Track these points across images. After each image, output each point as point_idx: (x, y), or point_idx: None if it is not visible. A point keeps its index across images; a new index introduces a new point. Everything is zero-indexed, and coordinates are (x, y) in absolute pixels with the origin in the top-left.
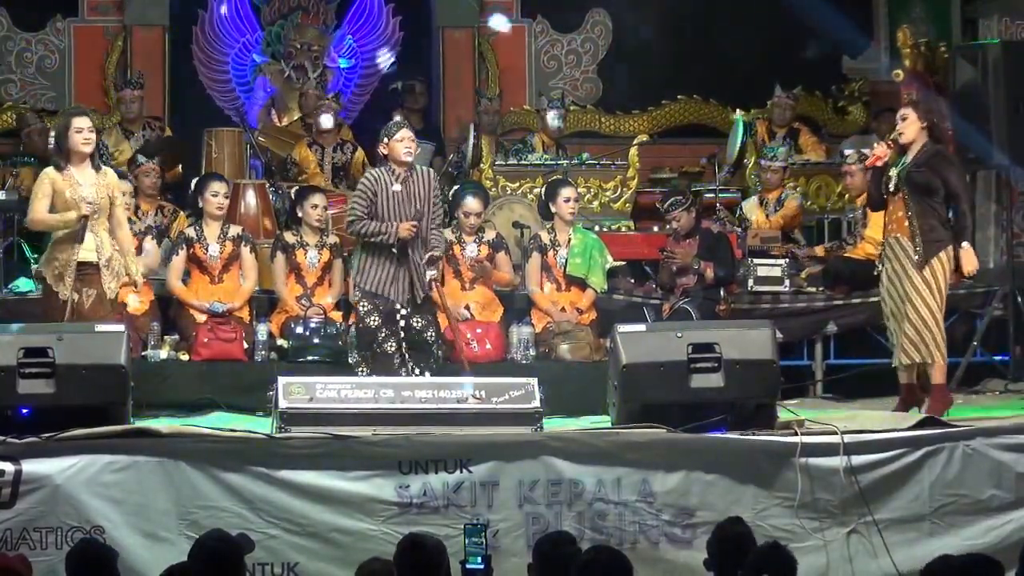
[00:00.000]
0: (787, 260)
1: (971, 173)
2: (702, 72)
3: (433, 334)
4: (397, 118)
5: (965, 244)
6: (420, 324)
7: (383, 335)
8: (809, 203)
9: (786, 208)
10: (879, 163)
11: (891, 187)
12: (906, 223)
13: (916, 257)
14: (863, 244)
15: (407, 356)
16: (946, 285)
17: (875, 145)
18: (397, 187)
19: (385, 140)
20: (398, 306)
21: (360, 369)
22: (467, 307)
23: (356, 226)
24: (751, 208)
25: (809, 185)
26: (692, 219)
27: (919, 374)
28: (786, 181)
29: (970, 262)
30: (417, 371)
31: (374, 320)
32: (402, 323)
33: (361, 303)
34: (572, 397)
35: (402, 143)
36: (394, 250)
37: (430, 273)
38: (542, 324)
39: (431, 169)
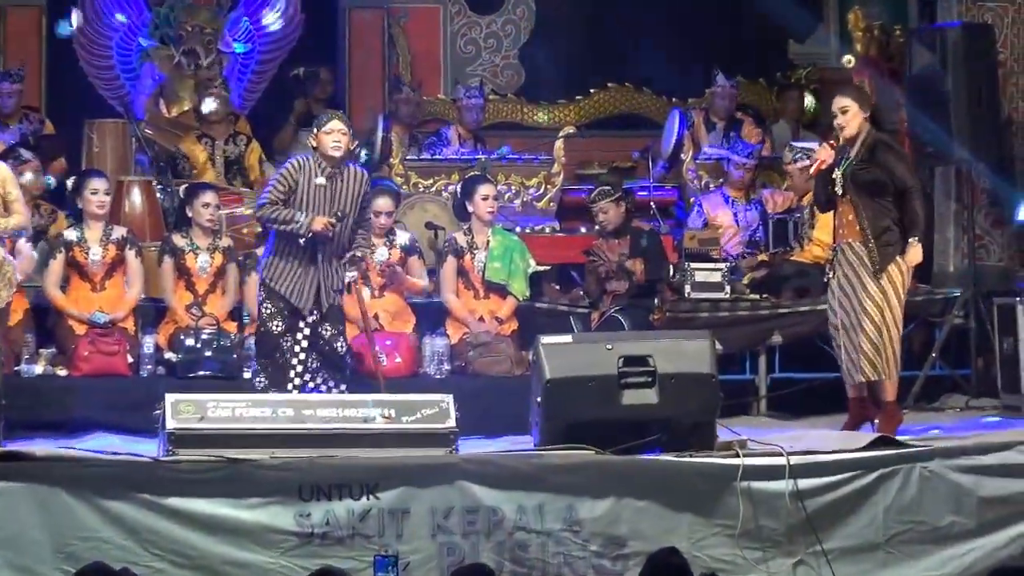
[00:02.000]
0: (728, 264)
1: (928, 169)
2: (635, 58)
3: (343, 345)
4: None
5: (912, 239)
6: (329, 333)
7: (287, 343)
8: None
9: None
10: (824, 167)
11: (838, 189)
12: (858, 227)
13: (871, 264)
14: (810, 247)
15: (315, 369)
16: (905, 292)
17: (817, 148)
18: (321, 180)
19: (315, 131)
20: (305, 312)
21: (259, 380)
22: (376, 316)
23: (266, 210)
24: (720, 211)
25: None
26: (621, 214)
27: (869, 389)
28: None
29: (915, 256)
30: (326, 387)
31: (277, 325)
32: (307, 331)
33: (265, 305)
34: (491, 416)
35: (331, 136)
36: (301, 242)
37: (349, 275)
38: (458, 335)
39: (365, 170)
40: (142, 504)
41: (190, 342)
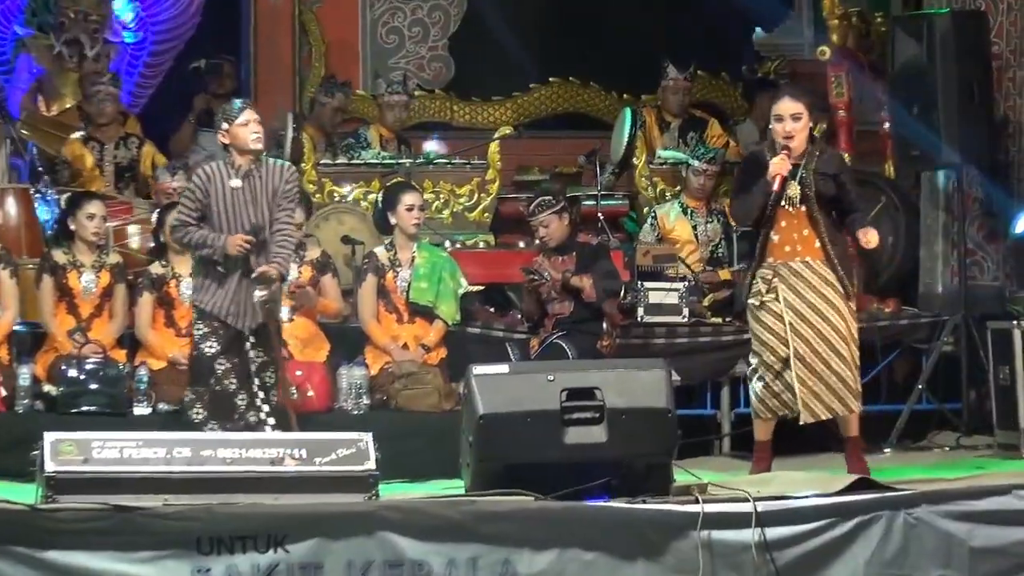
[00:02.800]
0: (686, 284)
1: (914, 175)
2: (581, 49)
3: (272, 376)
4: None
5: (865, 222)
6: (260, 360)
7: (223, 368)
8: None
9: None
10: (783, 182)
11: (796, 201)
12: (817, 244)
13: (841, 286)
14: None
15: (256, 397)
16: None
17: (773, 161)
18: (236, 182)
19: (224, 126)
20: (244, 331)
21: (195, 412)
22: (285, 344)
23: (178, 234)
24: (677, 223)
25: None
26: (565, 228)
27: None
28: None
29: (874, 238)
30: (269, 421)
31: (211, 347)
32: (250, 354)
33: (196, 325)
34: (416, 457)
35: (248, 127)
36: (220, 268)
37: (259, 294)
38: (379, 365)
39: (286, 163)
40: (17, 558)
41: (73, 373)
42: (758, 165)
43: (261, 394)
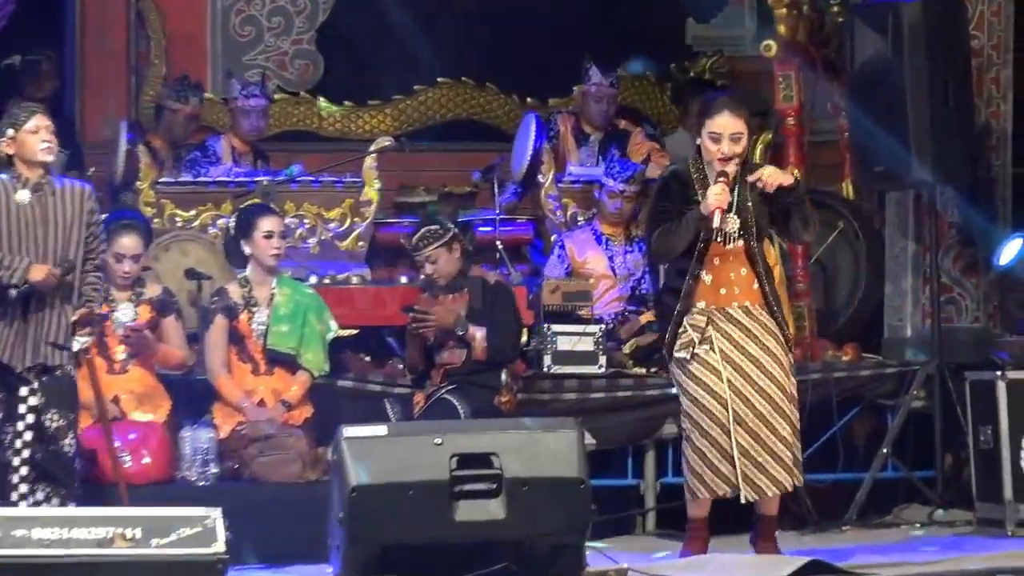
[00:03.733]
0: (602, 326)
1: (876, 196)
2: (476, 43)
3: (72, 442)
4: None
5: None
6: (56, 424)
7: (7, 436)
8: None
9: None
10: (723, 209)
11: (734, 235)
12: (756, 284)
13: (783, 337)
14: None
15: (37, 476)
16: None
17: (711, 191)
18: (24, 196)
19: (10, 132)
20: (24, 390)
21: None
22: (115, 400)
23: None
24: (591, 253)
25: None
26: (456, 261)
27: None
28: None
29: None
30: (50, 499)
31: None
32: (30, 418)
33: None
34: (275, 536)
35: (38, 135)
36: (13, 292)
37: (81, 341)
38: (230, 425)
39: (86, 186)
40: None
41: None
42: (680, 187)
43: (60, 466)
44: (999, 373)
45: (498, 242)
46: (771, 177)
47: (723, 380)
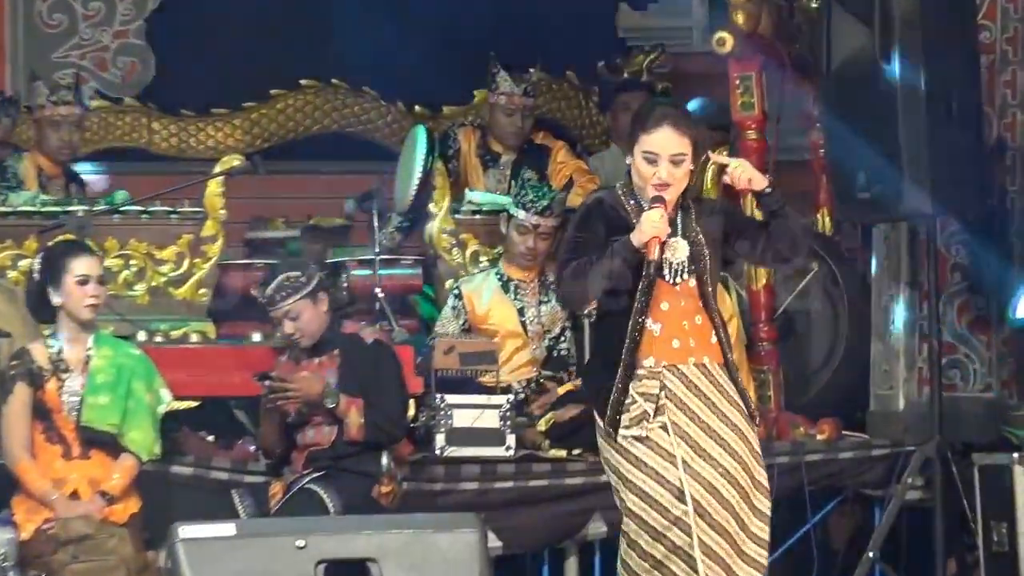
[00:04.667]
0: (511, 397)
1: (860, 230)
2: (351, 37)
3: None
4: None
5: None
6: None
7: None
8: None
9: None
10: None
11: (684, 270)
12: (713, 338)
13: (744, 403)
14: None
15: None
16: None
17: (647, 218)
18: None
19: None
20: None
21: None
22: None
23: None
24: (495, 304)
25: None
26: (324, 316)
27: None
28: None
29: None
30: None
31: None
32: None
33: None
34: None
35: None
36: None
37: None
38: (34, 523)
39: None
40: None
41: None
42: (607, 218)
43: None
44: (1016, 456)
45: (378, 290)
46: (740, 170)
47: (677, 464)
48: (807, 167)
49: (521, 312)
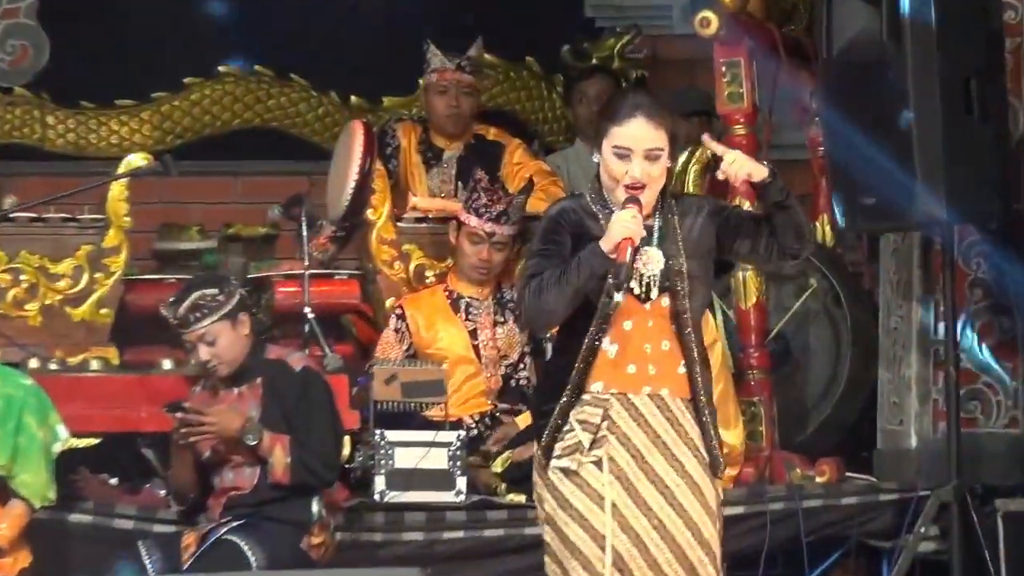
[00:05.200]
0: (461, 434)
1: (866, 241)
2: (278, 18)
3: None
4: None
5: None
6: None
7: None
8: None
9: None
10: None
11: (652, 286)
12: (682, 367)
13: (705, 450)
14: None
15: None
16: None
17: (618, 218)
18: None
19: None
20: None
21: None
22: None
23: None
24: (443, 325)
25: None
26: (244, 340)
27: None
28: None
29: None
30: None
31: None
32: None
33: None
34: None
35: None
36: None
37: None
38: None
39: None
40: None
41: None
42: (574, 227)
43: None
44: None
45: (307, 309)
46: (737, 166)
47: (604, 507)
48: (804, 168)
49: (474, 335)
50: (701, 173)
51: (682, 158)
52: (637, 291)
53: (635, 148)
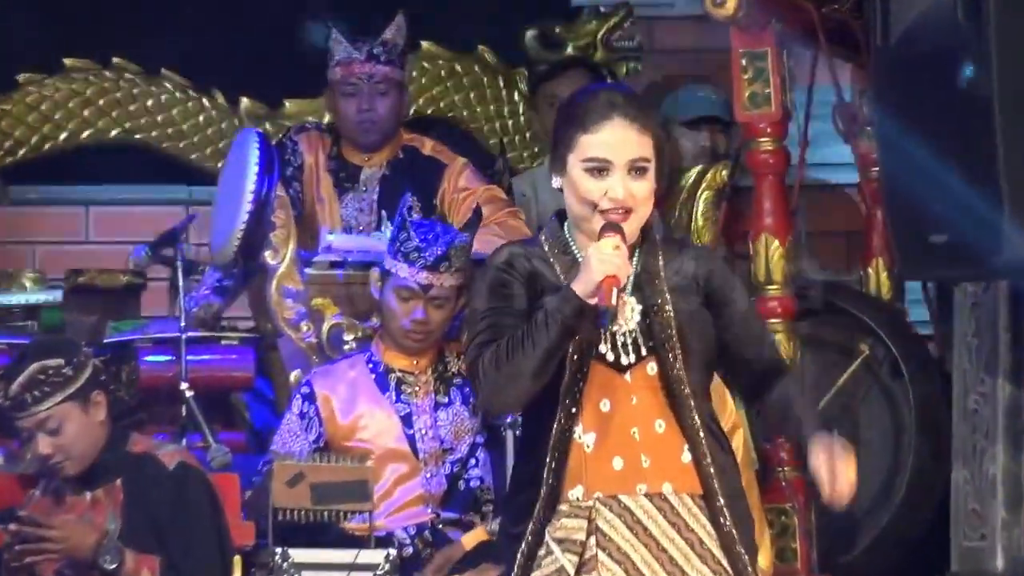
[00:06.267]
0: (395, 554)
1: (936, 291)
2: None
3: None
4: None
5: (816, 436)
6: None
7: None
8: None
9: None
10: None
11: (638, 348)
12: (684, 451)
13: (729, 562)
14: None
15: None
16: None
17: (598, 251)
18: None
19: None
20: None
21: None
22: None
23: None
24: (369, 412)
25: None
26: (100, 429)
27: None
28: None
29: (845, 467)
30: None
31: None
32: None
33: None
34: None
35: None
36: None
37: None
38: None
39: None
40: None
41: None
42: (525, 282)
43: None
44: None
45: (184, 386)
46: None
47: None
48: (851, 194)
49: (407, 420)
50: (713, 201)
51: (689, 179)
52: (611, 357)
53: (614, 160)
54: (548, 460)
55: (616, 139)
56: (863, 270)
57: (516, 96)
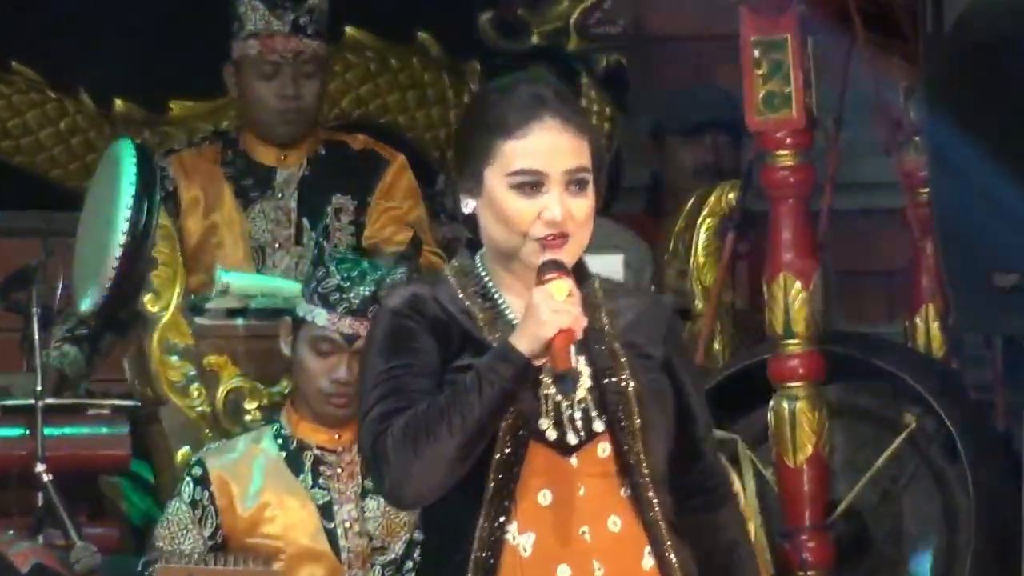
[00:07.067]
0: None
1: (1006, 342)
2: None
3: None
4: None
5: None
6: None
7: None
8: None
9: None
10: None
11: (589, 424)
12: (646, 553)
13: None
14: None
15: None
16: None
17: (544, 293)
18: None
19: None
20: None
21: None
22: None
23: None
24: (277, 499)
25: None
26: None
27: None
28: None
29: None
30: None
31: None
32: None
33: None
34: None
35: None
36: None
37: None
38: None
39: None
40: None
41: None
42: (432, 332)
43: None
44: None
45: (41, 467)
46: None
47: None
48: (895, 223)
49: (327, 511)
50: (716, 231)
51: (687, 203)
52: (552, 435)
53: (549, 171)
54: (471, 567)
55: (549, 145)
56: (908, 320)
57: (465, 97)
